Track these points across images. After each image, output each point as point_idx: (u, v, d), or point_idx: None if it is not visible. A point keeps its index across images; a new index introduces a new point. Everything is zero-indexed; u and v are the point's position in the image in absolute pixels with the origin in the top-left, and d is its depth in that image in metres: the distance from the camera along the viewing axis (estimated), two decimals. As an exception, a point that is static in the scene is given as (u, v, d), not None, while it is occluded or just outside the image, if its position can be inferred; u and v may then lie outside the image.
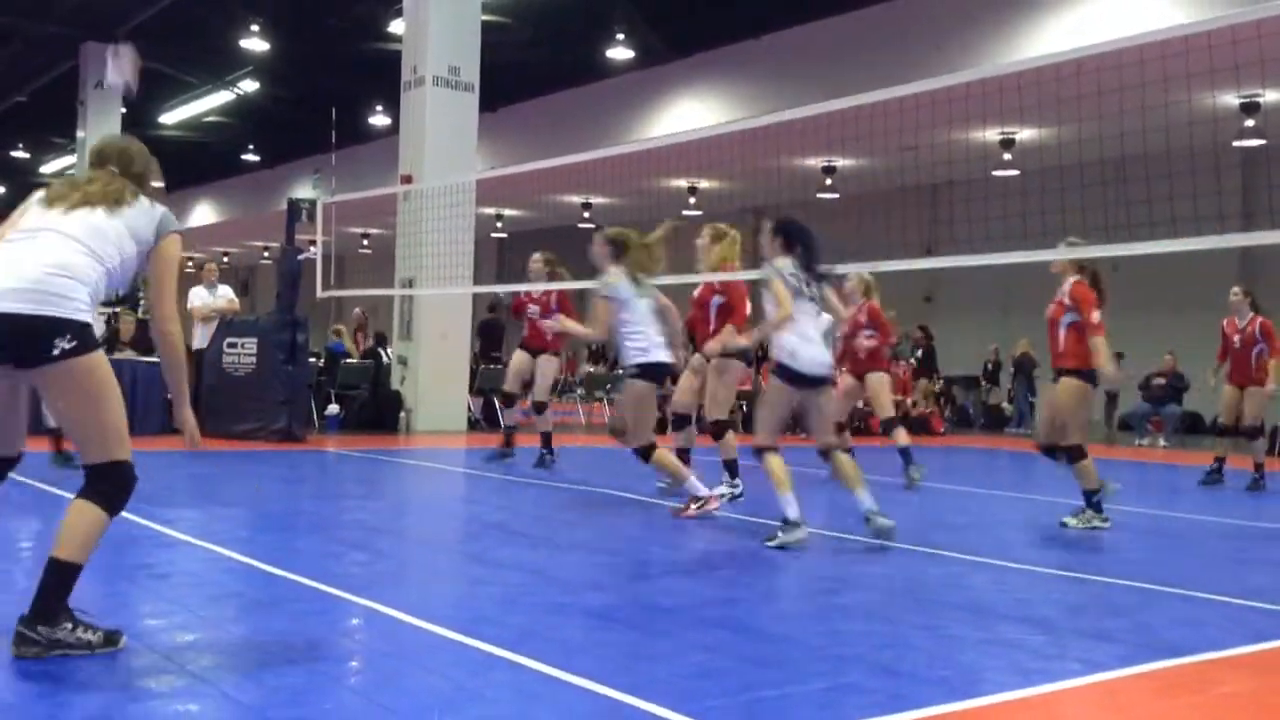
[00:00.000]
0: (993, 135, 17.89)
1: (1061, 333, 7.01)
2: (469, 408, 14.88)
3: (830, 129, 8.58)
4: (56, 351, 3.22)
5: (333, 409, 13.78)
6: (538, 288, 9.81)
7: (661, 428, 8.33)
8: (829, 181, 21.57)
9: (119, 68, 15.09)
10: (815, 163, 20.84)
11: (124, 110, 23.40)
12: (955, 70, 10.63)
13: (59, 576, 3.28)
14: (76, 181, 3.56)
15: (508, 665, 3.41)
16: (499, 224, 30.10)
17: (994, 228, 7.90)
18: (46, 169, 34.60)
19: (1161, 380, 17.14)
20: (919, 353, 19.36)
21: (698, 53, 19.84)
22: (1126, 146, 8.38)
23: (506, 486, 8.58)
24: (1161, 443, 16.42)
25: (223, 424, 11.65)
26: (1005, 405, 20.66)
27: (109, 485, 3.38)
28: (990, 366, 21.98)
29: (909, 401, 18.00)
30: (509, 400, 10.28)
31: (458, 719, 2.91)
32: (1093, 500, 7.06)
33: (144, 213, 3.57)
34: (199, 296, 12.32)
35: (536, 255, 9.86)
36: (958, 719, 3.11)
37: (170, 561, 5.01)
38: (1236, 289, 10.62)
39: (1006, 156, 18.39)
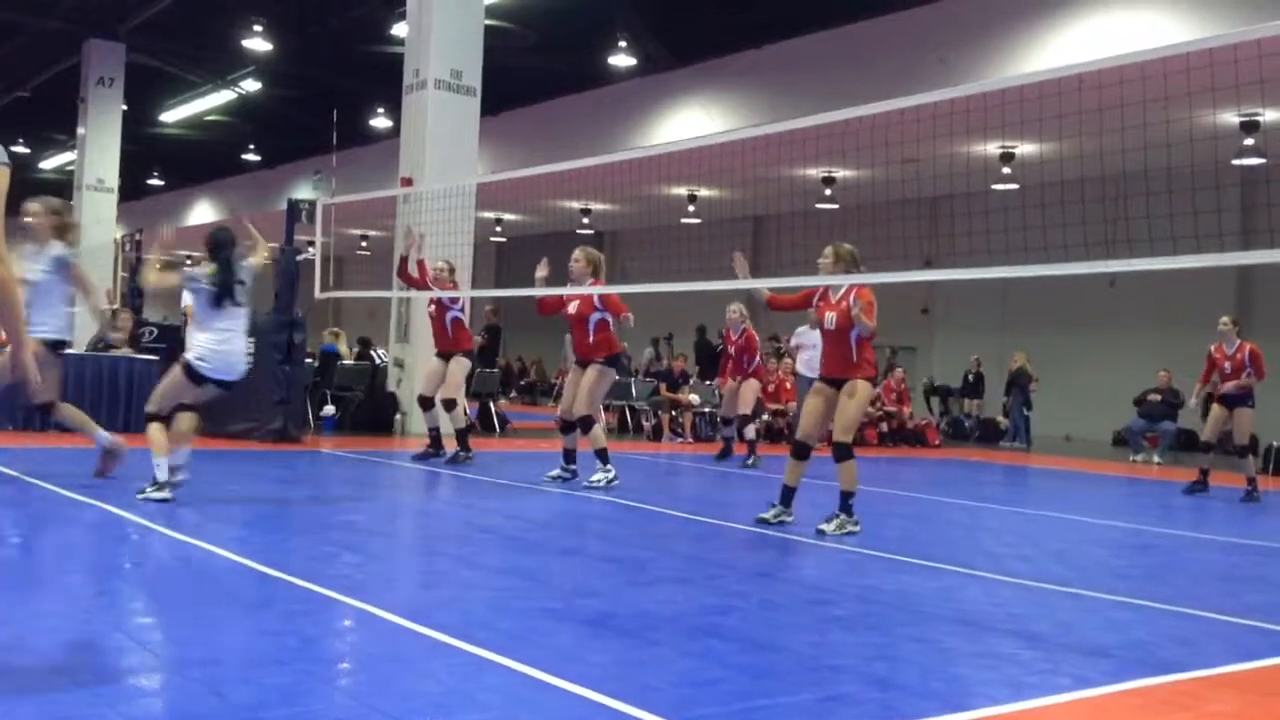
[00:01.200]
0: (993, 149, 17.94)
1: None
2: (464, 411, 14.85)
3: (831, 140, 8.60)
4: None
5: (328, 410, 13.77)
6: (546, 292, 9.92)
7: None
8: (828, 192, 21.61)
9: None
10: (815, 173, 20.86)
11: (125, 108, 23.42)
12: (957, 83, 10.67)
13: None
14: None
15: (499, 669, 3.40)
16: (498, 228, 30.12)
17: (994, 241, 7.91)
18: (46, 165, 34.59)
19: (1157, 397, 17.15)
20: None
21: (700, 61, 19.89)
22: (1126, 163, 8.41)
23: (501, 491, 8.58)
24: (1156, 459, 16.43)
25: (218, 423, 11.62)
26: (1000, 419, 20.67)
27: None
28: (970, 378, 21.97)
29: (905, 413, 18.01)
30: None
31: (449, 723, 2.90)
32: None
33: None
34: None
35: (578, 253, 9.62)
36: (949, 732, 3.11)
37: (162, 559, 5.00)
38: (1225, 319, 11.12)
39: (1006, 170, 18.43)
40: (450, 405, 10.19)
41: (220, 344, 6.73)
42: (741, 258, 7.82)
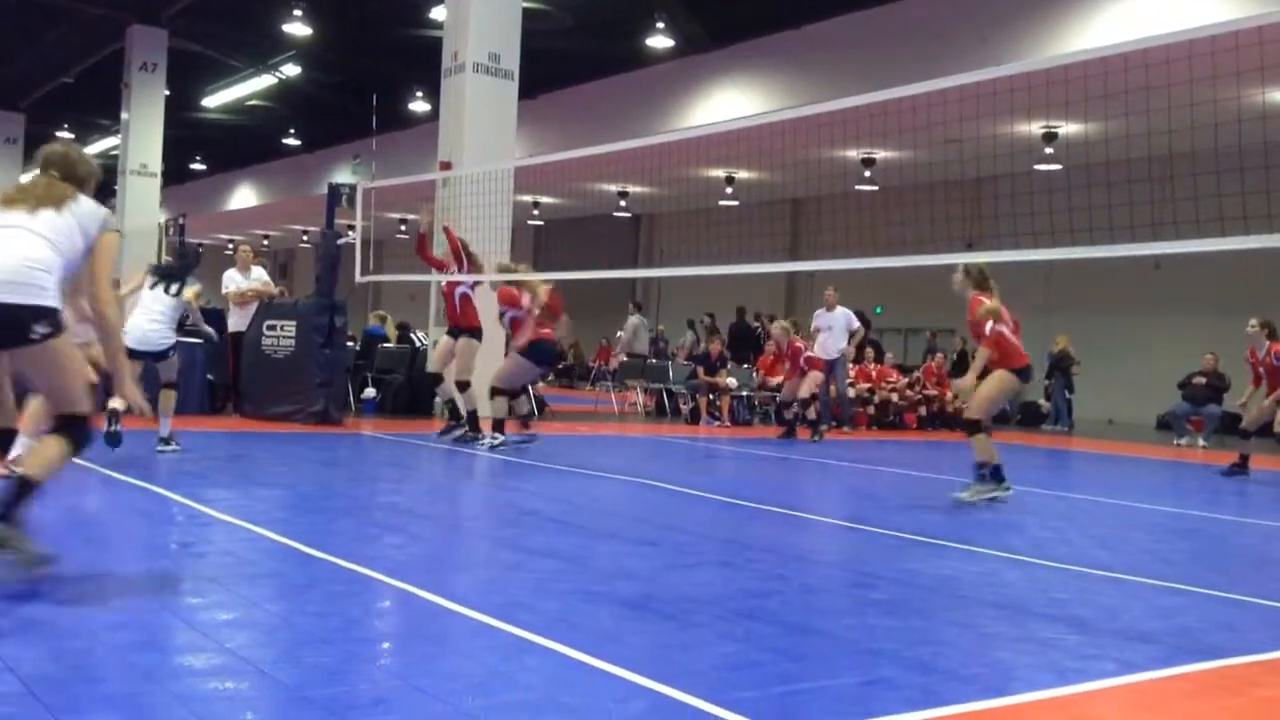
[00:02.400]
0: (1036, 129, 17.71)
1: None
2: (526, 395, 14.91)
3: (871, 121, 8.52)
4: (36, 336, 3.78)
5: (369, 393, 13.87)
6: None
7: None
8: (868, 174, 21.45)
9: None
10: (855, 154, 20.72)
11: (167, 93, 23.64)
12: (999, 62, 10.54)
13: (26, 492, 3.84)
14: (25, 186, 4.13)
15: (541, 651, 3.42)
16: (536, 211, 30.16)
17: (1037, 223, 7.83)
18: (91, 150, 35.02)
19: (1202, 380, 16.92)
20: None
21: (737, 42, 19.77)
22: (1173, 143, 8.27)
23: (541, 473, 8.61)
24: (1200, 443, 16.21)
25: (260, 406, 11.77)
26: (1042, 402, 20.48)
27: (76, 430, 3.97)
28: (955, 356, 21.71)
29: (946, 396, 17.88)
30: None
31: (490, 702, 2.92)
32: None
33: (90, 213, 4.08)
34: (232, 280, 12.41)
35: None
36: (991, 717, 3.09)
37: (208, 541, 5.07)
38: (1254, 320, 11.29)
39: (1048, 150, 18.20)
40: (464, 386, 10.40)
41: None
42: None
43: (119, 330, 4.14)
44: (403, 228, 32.55)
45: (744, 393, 16.48)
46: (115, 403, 7.20)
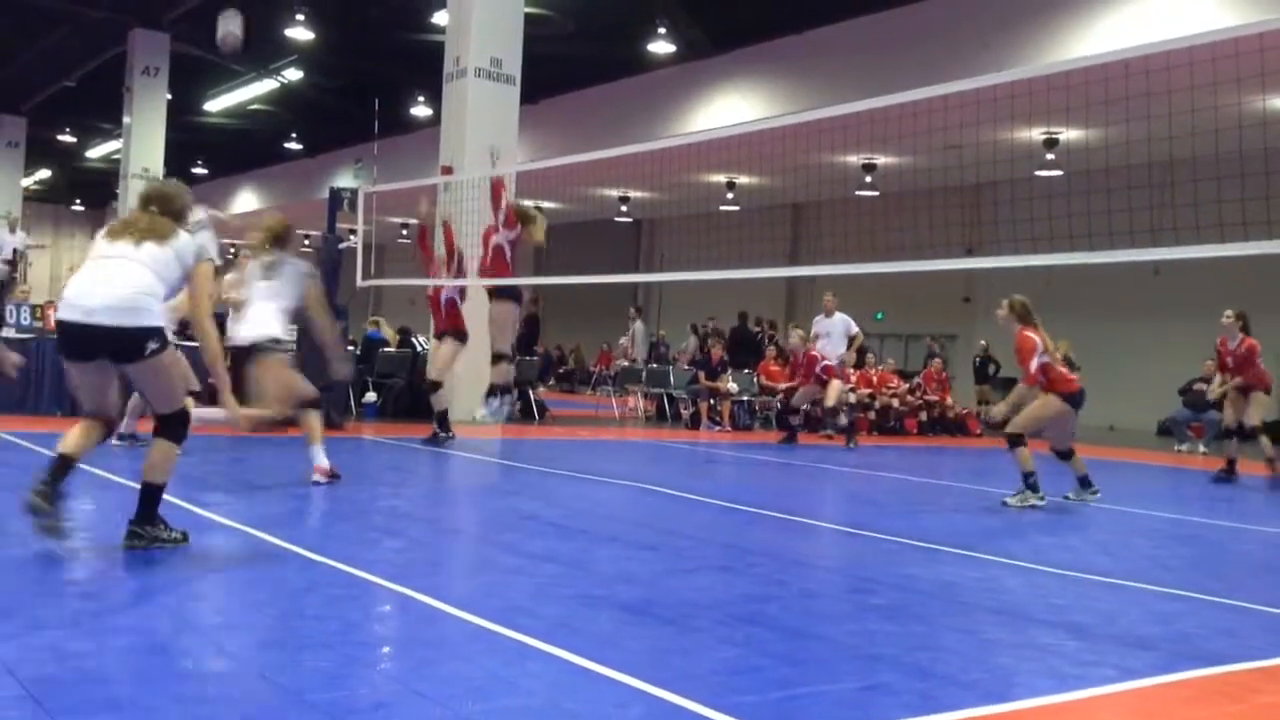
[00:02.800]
0: (1037, 135, 17.73)
1: None
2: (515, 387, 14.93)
3: (872, 126, 8.53)
4: (148, 352, 4.48)
5: (370, 397, 13.87)
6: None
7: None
8: (869, 179, 21.47)
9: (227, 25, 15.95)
10: (856, 160, 20.74)
11: (169, 97, 23.66)
12: (1001, 68, 10.56)
13: (154, 494, 4.62)
14: (129, 220, 4.74)
15: (541, 656, 3.42)
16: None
17: (1037, 229, 7.83)
18: (93, 154, 35.04)
19: (1202, 386, 16.90)
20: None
21: (739, 48, 19.79)
22: (1174, 150, 8.28)
23: (541, 477, 8.61)
24: (1201, 449, 16.21)
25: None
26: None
27: (178, 426, 4.66)
28: (978, 362, 21.71)
29: (946, 402, 17.88)
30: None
31: (490, 707, 2.92)
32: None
33: (186, 245, 4.68)
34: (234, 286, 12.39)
35: None
36: (991, 722, 3.10)
37: (209, 544, 5.07)
38: (1229, 311, 11.31)
39: (1049, 156, 18.21)
40: (436, 387, 10.54)
41: None
42: None
43: (217, 347, 4.88)
44: (404, 232, 32.58)
45: (745, 398, 16.48)
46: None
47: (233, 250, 11.96)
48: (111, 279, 4.47)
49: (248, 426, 5.50)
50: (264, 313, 7.11)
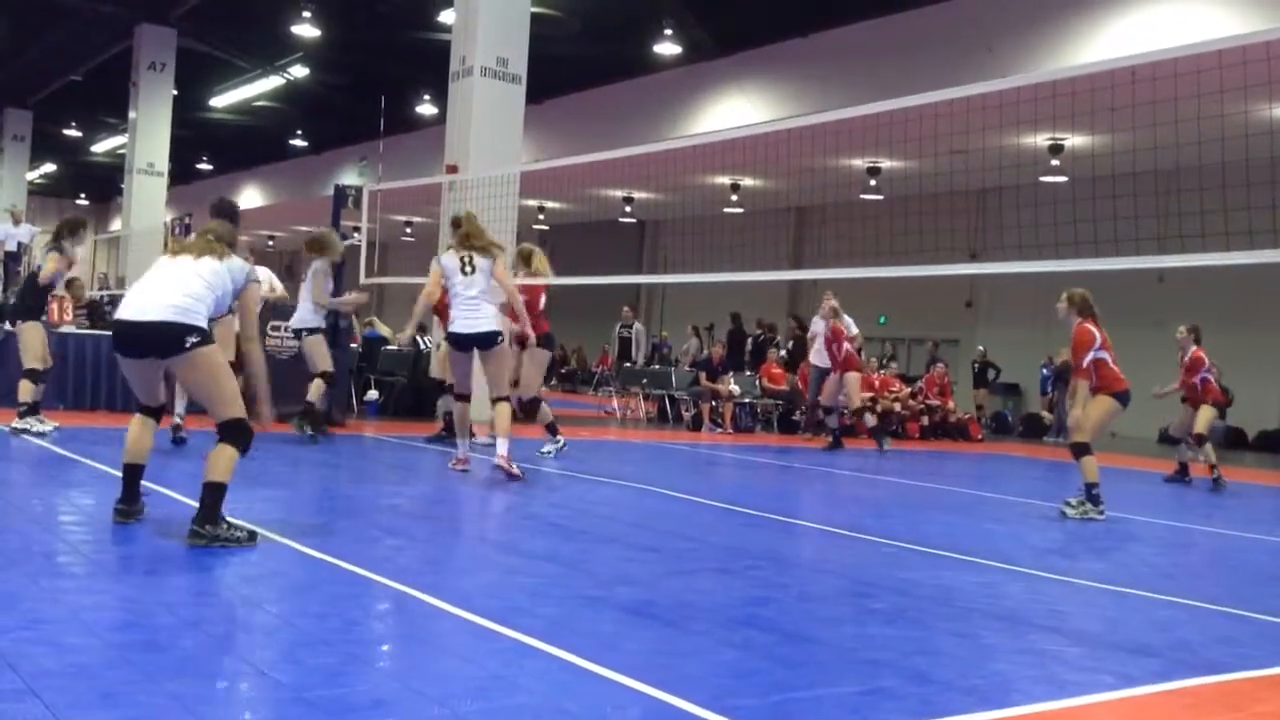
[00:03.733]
0: (1042, 141, 17.72)
1: None
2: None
3: (877, 130, 8.54)
4: (188, 345, 4.86)
5: (372, 395, 13.88)
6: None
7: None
8: (873, 183, 21.46)
9: None
10: (860, 163, 20.73)
11: (175, 93, 23.70)
12: (1006, 74, 10.55)
13: (214, 494, 4.85)
14: (187, 242, 5.38)
15: (540, 655, 3.43)
16: (541, 216, 30.20)
17: (1041, 235, 7.84)
18: (98, 148, 35.09)
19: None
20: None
21: (744, 50, 19.80)
22: (1180, 157, 8.28)
23: (542, 478, 8.61)
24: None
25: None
26: (1045, 414, 20.48)
27: (236, 433, 4.97)
28: (976, 368, 21.68)
29: (948, 406, 17.88)
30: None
31: (489, 706, 2.92)
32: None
33: (239, 266, 5.30)
34: None
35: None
36: (990, 728, 3.09)
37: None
38: (1181, 328, 12.03)
39: (1054, 162, 18.20)
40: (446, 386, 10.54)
41: None
42: None
43: (261, 361, 5.45)
44: (408, 230, 32.63)
45: (747, 400, 16.48)
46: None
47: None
48: (166, 283, 5.02)
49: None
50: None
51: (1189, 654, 4.11)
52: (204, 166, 36.32)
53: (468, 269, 8.23)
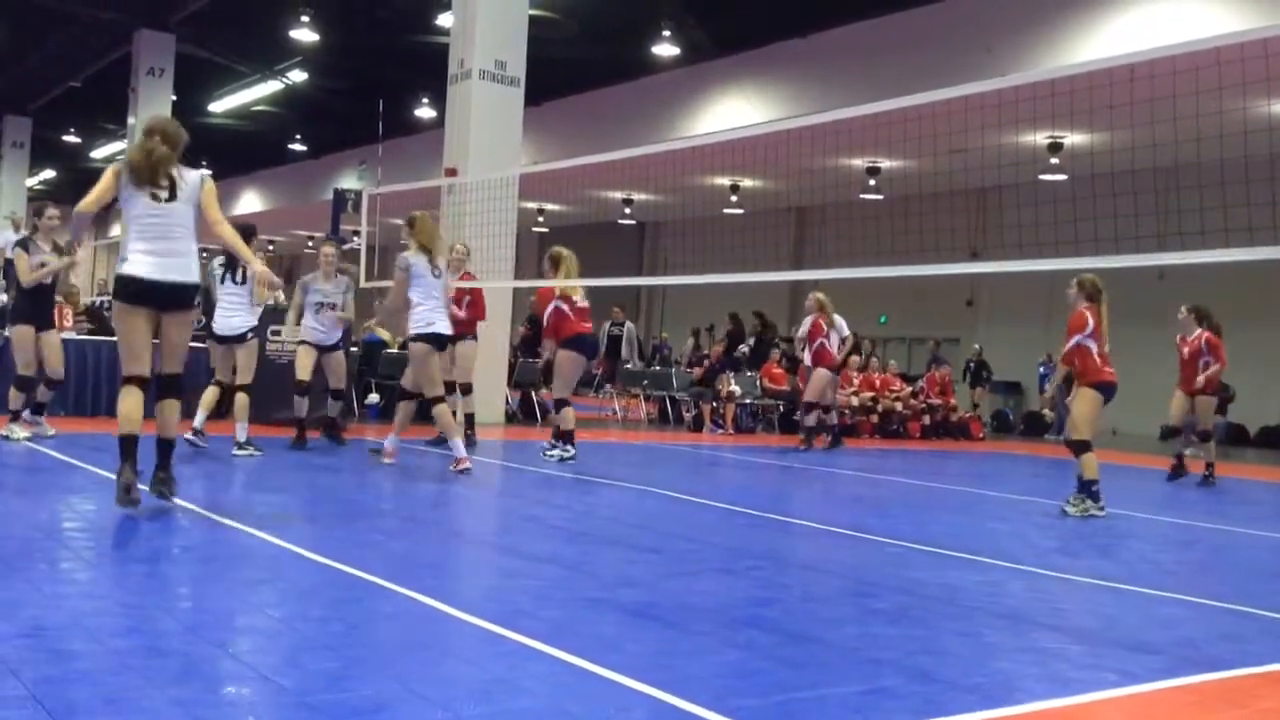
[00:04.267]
0: (1041, 139, 17.71)
1: None
2: (507, 400, 14.97)
3: (876, 130, 8.54)
4: (195, 302, 5.62)
5: (373, 398, 13.87)
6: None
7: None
8: (873, 183, 21.46)
9: None
10: (860, 163, 20.73)
11: (174, 98, 23.70)
12: (1005, 73, 10.55)
13: (169, 448, 5.73)
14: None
15: (543, 658, 3.42)
16: (541, 218, 30.20)
17: (1041, 233, 7.83)
18: (97, 154, 35.08)
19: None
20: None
21: (743, 50, 19.80)
22: (1179, 154, 8.27)
23: (543, 480, 8.62)
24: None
25: (264, 411, 11.76)
26: (1046, 412, 20.46)
27: (180, 386, 5.68)
28: (971, 366, 21.63)
29: (950, 404, 17.88)
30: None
31: (492, 709, 2.92)
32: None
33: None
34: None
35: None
36: (993, 727, 3.09)
37: (211, 545, 5.07)
38: (1184, 307, 11.57)
39: (1054, 161, 18.20)
40: (467, 389, 10.83)
41: None
42: None
43: (234, 238, 5.97)
44: (408, 233, 32.60)
45: (747, 400, 16.47)
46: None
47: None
48: (172, 244, 5.65)
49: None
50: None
51: (1192, 651, 4.11)
52: (203, 171, 36.29)
53: (436, 271, 8.63)
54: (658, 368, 19.62)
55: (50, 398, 9.20)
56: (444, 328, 8.66)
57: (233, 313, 8.86)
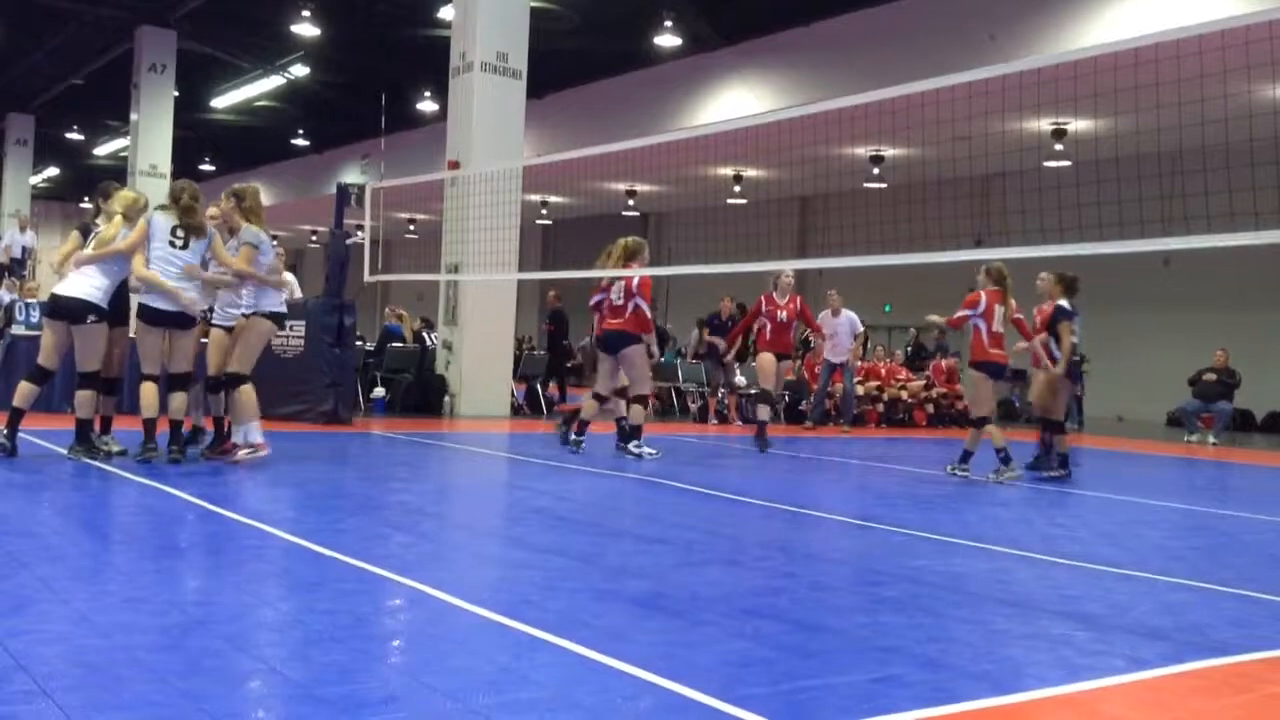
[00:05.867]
0: (1045, 126, 17.66)
1: None
2: (512, 393, 14.98)
3: (880, 118, 8.50)
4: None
5: (378, 392, 13.90)
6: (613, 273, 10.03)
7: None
8: (877, 171, 21.41)
9: None
10: (863, 152, 20.69)
11: (176, 94, 23.71)
12: (1008, 59, 10.51)
13: (178, 427, 7.46)
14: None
15: (551, 648, 3.43)
16: (544, 210, 30.19)
17: (1046, 219, 7.81)
18: (100, 151, 35.12)
19: (1213, 376, 16.86)
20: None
21: (746, 40, 19.76)
22: (1184, 139, 8.24)
23: (550, 472, 8.62)
24: (1211, 440, 16.16)
25: (270, 405, 11.77)
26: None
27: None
28: (910, 349, 21.47)
29: (955, 392, 17.85)
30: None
31: (501, 700, 2.93)
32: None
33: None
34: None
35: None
36: (1001, 714, 3.09)
37: (218, 539, 5.09)
38: (1043, 274, 10.05)
39: (1058, 147, 18.15)
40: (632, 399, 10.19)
41: None
42: None
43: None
44: (411, 227, 32.63)
45: (753, 390, 16.46)
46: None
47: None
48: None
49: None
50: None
51: (1199, 636, 4.10)
52: (206, 167, 36.30)
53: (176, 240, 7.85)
54: (662, 359, 19.60)
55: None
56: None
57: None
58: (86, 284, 7.40)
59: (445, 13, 17.62)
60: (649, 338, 9.92)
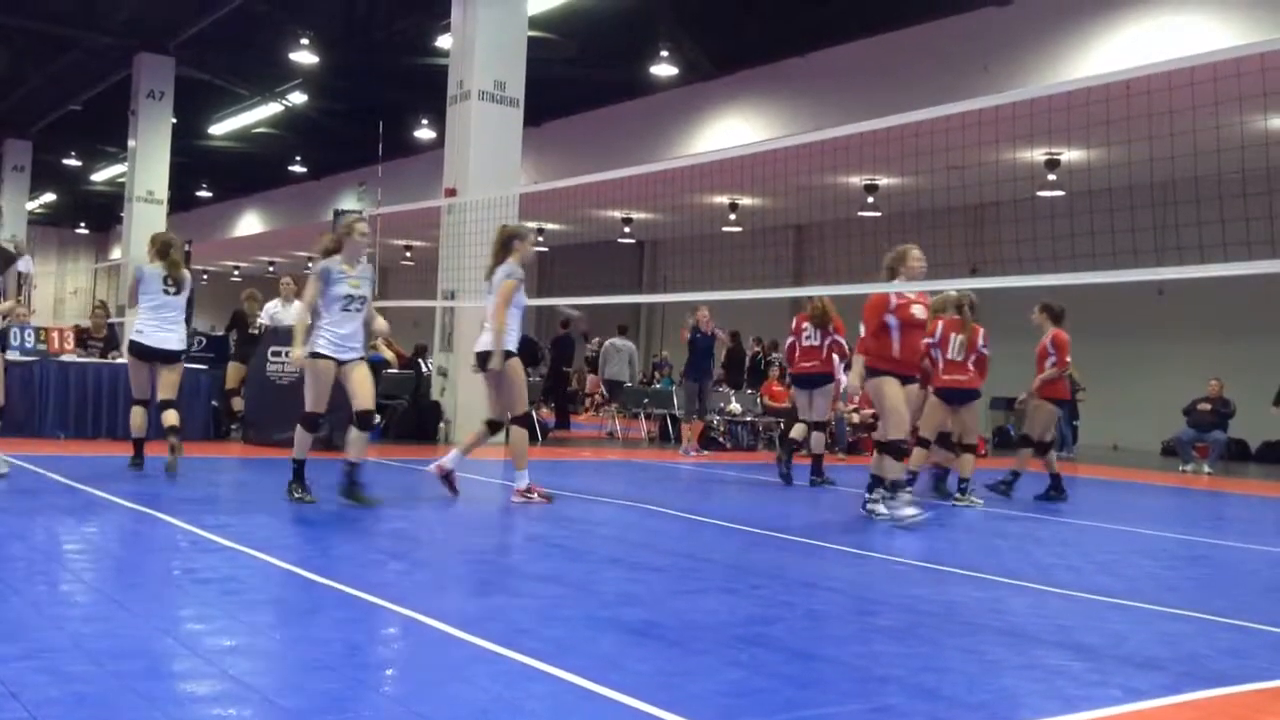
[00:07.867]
0: (1039, 156, 17.76)
1: None
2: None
3: (875, 147, 8.58)
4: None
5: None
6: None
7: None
8: (871, 200, 21.50)
9: None
10: (858, 181, 20.78)
11: (174, 121, 23.79)
12: (1002, 90, 10.59)
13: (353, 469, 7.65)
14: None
15: (545, 677, 3.41)
16: (540, 238, 30.25)
17: (1040, 249, 7.85)
18: (98, 177, 35.19)
19: (1207, 406, 16.87)
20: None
21: (741, 69, 19.87)
22: (1176, 169, 8.29)
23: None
24: (1206, 469, 16.16)
25: (265, 432, 11.77)
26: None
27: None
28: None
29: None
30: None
31: (495, 730, 2.91)
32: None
33: None
34: (268, 313, 12.58)
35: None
36: (998, 744, 3.08)
37: (212, 567, 5.06)
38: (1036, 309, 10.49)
39: (1052, 177, 18.24)
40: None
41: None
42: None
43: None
44: (408, 254, 32.67)
45: (747, 418, 16.47)
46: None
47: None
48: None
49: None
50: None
51: (1196, 667, 4.09)
52: (204, 193, 36.39)
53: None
54: (657, 386, 19.61)
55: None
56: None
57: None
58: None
59: (443, 41, 17.70)
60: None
